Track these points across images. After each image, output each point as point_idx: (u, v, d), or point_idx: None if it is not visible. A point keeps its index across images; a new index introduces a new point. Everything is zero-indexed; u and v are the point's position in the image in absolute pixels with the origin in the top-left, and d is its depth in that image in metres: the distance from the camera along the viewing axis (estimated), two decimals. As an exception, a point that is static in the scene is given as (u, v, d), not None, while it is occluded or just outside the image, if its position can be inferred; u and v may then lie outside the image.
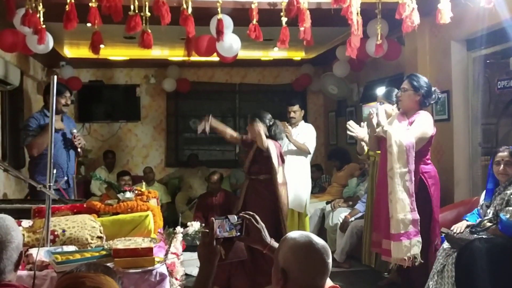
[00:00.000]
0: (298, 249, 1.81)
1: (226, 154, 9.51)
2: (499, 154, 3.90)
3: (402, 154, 4.01)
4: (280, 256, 1.84)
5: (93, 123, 8.96)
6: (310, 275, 1.80)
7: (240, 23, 4.70)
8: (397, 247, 3.96)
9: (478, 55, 5.20)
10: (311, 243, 1.82)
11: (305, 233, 1.88)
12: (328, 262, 1.83)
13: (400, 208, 3.95)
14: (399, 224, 3.95)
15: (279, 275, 1.81)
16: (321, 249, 1.82)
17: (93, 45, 4.62)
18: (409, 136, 4.07)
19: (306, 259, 1.80)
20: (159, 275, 2.64)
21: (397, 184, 3.98)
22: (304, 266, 1.79)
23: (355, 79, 7.67)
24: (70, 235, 2.89)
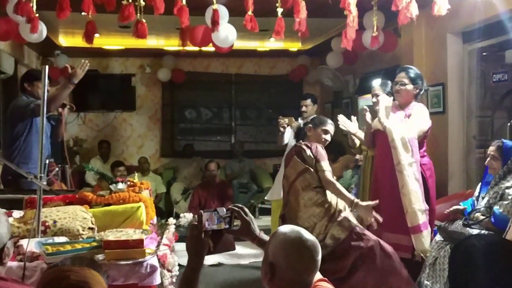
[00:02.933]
0: (287, 245, 1.81)
1: (222, 145, 9.51)
2: (489, 148, 3.92)
3: (406, 146, 4.01)
4: (270, 250, 1.84)
5: (88, 113, 8.92)
6: (298, 271, 1.79)
7: (235, 13, 4.66)
8: (419, 238, 3.95)
9: (474, 47, 5.18)
10: (301, 240, 1.82)
11: (296, 229, 1.87)
12: (317, 259, 1.83)
13: (414, 199, 3.95)
14: (417, 215, 3.94)
15: (267, 269, 1.81)
16: (310, 246, 1.81)
17: (87, 35, 4.59)
18: (411, 130, 4.07)
19: (294, 255, 1.79)
20: (149, 267, 2.63)
21: (407, 176, 3.97)
22: (292, 262, 1.79)
23: (351, 71, 7.65)
24: (61, 226, 2.88)
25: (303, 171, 3.83)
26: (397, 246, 4.03)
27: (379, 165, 4.35)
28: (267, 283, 1.82)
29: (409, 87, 4.20)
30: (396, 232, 4.06)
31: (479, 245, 1.41)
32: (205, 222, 1.97)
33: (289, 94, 9.43)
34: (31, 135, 4.29)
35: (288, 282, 1.79)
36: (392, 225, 4.09)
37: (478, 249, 1.39)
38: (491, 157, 3.87)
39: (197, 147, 9.15)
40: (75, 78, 4.02)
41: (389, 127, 4.07)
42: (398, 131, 4.03)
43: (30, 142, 4.27)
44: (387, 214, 4.14)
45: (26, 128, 4.30)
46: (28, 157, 4.27)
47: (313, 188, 3.80)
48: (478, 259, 1.37)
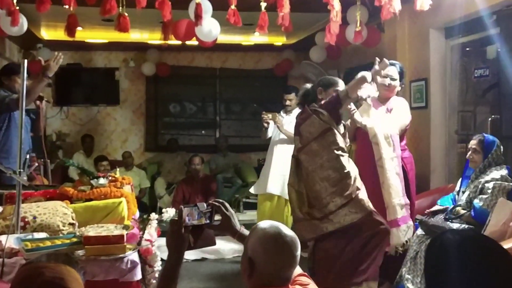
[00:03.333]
0: (266, 240, 1.80)
1: (206, 139, 9.48)
2: (471, 142, 3.96)
3: (388, 141, 4.04)
4: (249, 245, 1.84)
5: (71, 107, 8.83)
6: (277, 267, 1.80)
7: (219, 7, 4.64)
8: (397, 233, 3.99)
9: (456, 43, 5.22)
10: (280, 235, 1.81)
11: (275, 224, 1.87)
12: (296, 254, 1.83)
13: (394, 194, 3.99)
14: (396, 209, 3.98)
15: (246, 264, 1.81)
16: (289, 241, 1.81)
17: (69, 28, 4.54)
18: (393, 125, 4.10)
19: (273, 251, 1.79)
20: (130, 263, 2.62)
21: (388, 170, 4.01)
22: (271, 258, 1.79)
23: (335, 65, 7.66)
24: (41, 221, 2.85)
25: (326, 130, 3.59)
26: None
27: (360, 161, 4.37)
28: (247, 279, 1.82)
29: (397, 83, 4.24)
30: None
31: (454, 239, 1.41)
32: (185, 217, 1.97)
33: (274, 89, 9.40)
34: (10, 130, 4.23)
35: (267, 277, 1.79)
36: None
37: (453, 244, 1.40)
38: (472, 151, 3.92)
39: (182, 142, 9.12)
40: (48, 71, 3.94)
41: (370, 126, 4.09)
42: (380, 127, 4.05)
43: (10, 136, 4.21)
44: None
45: (4, 122, 4.25)
46: (8, 152, 4.22)
47: (335, 149, 3.58)
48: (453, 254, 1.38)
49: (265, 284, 1.78)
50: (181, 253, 1.95)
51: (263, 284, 1.79)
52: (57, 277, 1.57)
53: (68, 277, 1.59)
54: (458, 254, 1.37)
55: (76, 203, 3.18)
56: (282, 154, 5.60)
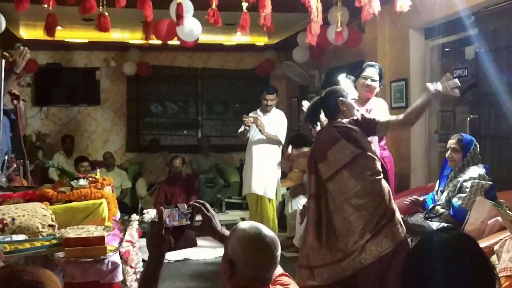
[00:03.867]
0: (246, 242, 1.81)
1: (188, 139, 9.45)
2: (449, 141, 4.00)
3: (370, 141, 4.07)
4: (229, 246, 1.84)
5: (51, 107, 8.75)
6: (257, 268, 1.80)
7: (200, 7, 4.62)
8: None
9: (436, 43, 5.28)
10: (260, 236, 1.81)
11: (255, 225, 1.87)
12: (276, 255, 1.83)
13: None
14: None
15: (227, 265, 1.81)
16: (269, 242, 1.81)
17: (48, 28, 4.48)
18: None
19: (253, 252, 1.79)
20: (111, 264, 2.60)
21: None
22: (251, 259, 1.79)
23: (317, 65, 7.70)
24: (20, 223, 2.81)
25: (357, 156, 3.16)
26: None
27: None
28: (227, 280, 1.82)
29: (377, 84, 4.28)
30: None
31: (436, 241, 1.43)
32: (166, 219, 1.96)
33: (256, 89, 9.39)
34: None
35: (247, 278, 1.79)
36: None
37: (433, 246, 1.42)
38: (451, 150, 3.96)
39: (163, 142, 9.08)
40: (16, 67, 3.86)
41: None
42: None
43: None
44: None
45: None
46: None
47: (369, 176, 3.17)
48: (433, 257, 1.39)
49: (245, 285, 1.79)
50: (162, 254, 1.94)
51: (243, 285, 1.79)
52: (35, 281, 1.55)
53: (47, 280, 1.57)
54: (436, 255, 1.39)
55: (56, 205, 3.14)
56: (262, 154, 5.68)
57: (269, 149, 5.78)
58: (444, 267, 1.35)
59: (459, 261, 1.37)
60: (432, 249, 1.41)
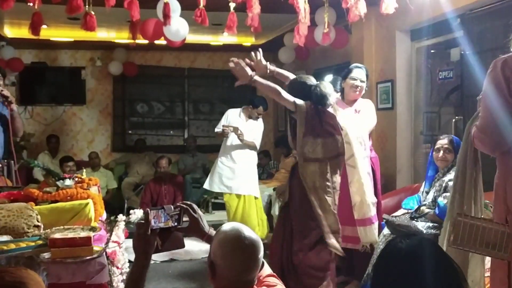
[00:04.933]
0: (225, 244, 1.79)
1: (174, 139, 9.43)
2: (439, 141, 4.01)
3: (360, 141, 4.11)
4: (212, 249, 1.83)
5: (35, 106, 8.67)
6: (236, 271, 1.77)
7: (188, 7, 4.61)
8: (370, 230, 4.07)
9: (422, 45, 5.33)
10: (239, 239, 1.79)
11: (237, 227, 1.85)
12: (258, 257, 1.80)
13: (368, 192, 4.08)
14: (370, 207, 4.06)
15: (209, 267, 1.81)
16: (248, 245, 1.78)
17: (33, 26, 4.43)
18: (363, 127, 4.19)
19: (231, 254, 1.77)
20: (98, 265, 2.58)
21: (360, 169, 4.08)
22: (229, 262, 1.77)
23: (303, 66, 7.72)
24: (5, 224, 2.77)
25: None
26: (347, 238, 4.13)
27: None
28: (211, 281, 1.82)
29: (364, 85, 4.32)
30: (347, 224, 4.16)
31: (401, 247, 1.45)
32: (152, 220, 1.95)
33: (242, 89, 9.38)
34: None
35: (227, 281, 1.77)
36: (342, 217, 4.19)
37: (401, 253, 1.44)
38: (444, 150, 3.96)
39: (150, 142, 9.04)
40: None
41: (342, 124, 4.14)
42: (351, 127, 4.12)
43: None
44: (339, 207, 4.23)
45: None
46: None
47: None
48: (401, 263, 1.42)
49: (226, 287, 1.78)
50: (148, 256, 1.93)
51: (224, 287, 1.78)
52: (18, 281, 1.54)
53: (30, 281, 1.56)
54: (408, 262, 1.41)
55: (41, 205, 3.10)
56: (242, 157, 5.84)
57: (248, 152, 5.91)
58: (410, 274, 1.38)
59: (424, 267, 1.39)
60: (398, 258, 1.44)
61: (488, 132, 2.24)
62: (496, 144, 2.26)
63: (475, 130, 2.34)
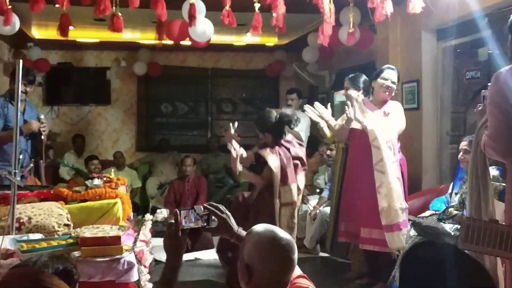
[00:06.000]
0: (261, 246, 1.78)
1: (198, 139, 9.46)
2: (461, 143, 4.02)
3: (390, 146, 4.08)
4: (245, 251, 1.81)
5: (61, 106, 8.79)
6: (274, 272, 1.76)
7: (212, 7, 4.64)
8: (398, 236, 4.03)
9: (448, 45, 5.27)
10: (275, 240, 1.78)
11: (270, 228, 1.84)
12: (293, 258, 1.79)
13: (396, 198, 4.04)
14: (398, 213, 4.02)
15: (244, 271, 1.79)
16: (285, 245, 1.78)
17: (61, 28, 4.51)
18: (393, 130, 4.16)
19: (269, 256, 1.76)
20: (127, 264, 2.62)
21: (389, 175, 4.05)
22: (268, 263, 1.76)
23: (327, 66, 7.69)
24: (36, 222, 2.84)
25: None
26: (373, 240, 4.11)
27: (355, 161, 4.39)
28: (245, 285, 1.80)
29: (395, 87, 4.30)
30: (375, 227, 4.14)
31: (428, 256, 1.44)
32: (182, 220, 1.96)
33: (265, 89, 9.44)
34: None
35: (265, 283, 1.76)
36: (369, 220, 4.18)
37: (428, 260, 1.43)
38: (463, 151, 3.95)
39: (173, 142, 9.09)
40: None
41: (371, 128, 4.11)
42: (381, 131, 4.09)
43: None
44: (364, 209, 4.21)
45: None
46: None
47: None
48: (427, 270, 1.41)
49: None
50: (179, 256, 1.94)
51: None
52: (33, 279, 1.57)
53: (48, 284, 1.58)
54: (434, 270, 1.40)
55: (71, 204, 3.16)
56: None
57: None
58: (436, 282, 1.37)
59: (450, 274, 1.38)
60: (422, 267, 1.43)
61: (499, 140, 2.37)
62: (507, 152, 2.38)
63: (486, 139, 2.43)
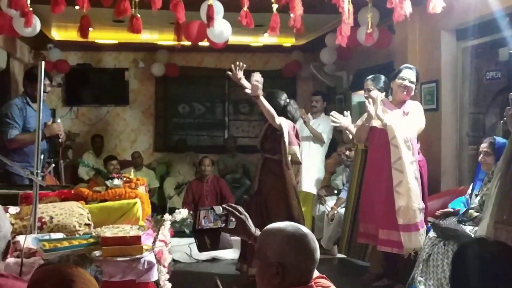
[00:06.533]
0: (293, 240, 1.80)
1: (215, 140, 9.49)
2: (481, 145, 3.98)
3: (409, 145, 4.06)
4: (273, 250, 1.80)
5: (80, 107, 8.88)
6: (307, 264, 1.81)
7: (230, 8, 4.65)
8: (416, 236, 4.01)
9: (468, 45, 5.21)
10: (303, 233, 1.84)
11: (290, 223, 1.88)
12: (318, 249, 1.87)
13: (414, 198, 4.03)
14: (416, 213, 4.01)
15: (274, 270, 1.78)
16: (311, 236, 1.85)
17: (82, 29, 4.55)
18: (412, 129, 4.14)
19: (303, 249, 1.80)
20: (147, 263, 2.64)
21: (408, 174, 4.04)
22: (302, 256, 1.80)
23: (345, 66, 7.66)
24: (58, 222, 2.87)
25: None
26: (391, 242, 4.08)
27: (374, 161, 4.36)
28: (278, 284, 1.79)
29: (413, 86, 4.28)
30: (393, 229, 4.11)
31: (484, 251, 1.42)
32: (202, 220, 1.99)
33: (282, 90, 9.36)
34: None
35: (297, 277, 1.78)
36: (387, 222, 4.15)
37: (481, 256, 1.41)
38: (484, 153, 3.92)
39: (190, 142, 9.13)
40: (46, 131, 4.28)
41: (390, 125, 4.10)
42: (400, 129, 4.07)
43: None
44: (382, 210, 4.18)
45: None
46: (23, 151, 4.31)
47: None
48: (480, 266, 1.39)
49: (293, 284, 1.78)
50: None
51: (291, 284, 1.78)
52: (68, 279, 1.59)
53: (79, 279, 1.61)
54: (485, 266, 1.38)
55: (91, 204, 3.19)
56: (308, 152, 5.97)
57: (311, 147, 6.10)
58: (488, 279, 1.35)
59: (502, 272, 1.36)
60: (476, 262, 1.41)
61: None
62: None
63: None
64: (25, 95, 4.58)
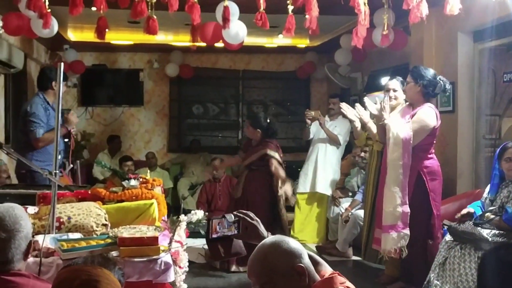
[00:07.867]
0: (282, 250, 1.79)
1: (228, 140, 9.51)
2: (510, 151, 3.88)
3: (397, 147, 4.06)
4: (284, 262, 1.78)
5: (96, 107, 8.96)
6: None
7: (245, 9, 4.66)
8: (386, 238, 4.07)
9: (485, 47, 5.17)
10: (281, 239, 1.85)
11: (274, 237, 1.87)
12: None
13: (389, 201, 4.03)
14: (389, 216, 4.03)
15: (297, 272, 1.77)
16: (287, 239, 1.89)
17: (99, 30, 4.59)
18: (407, 129, 4.10)
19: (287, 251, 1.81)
20: (164, 264, 2.65)
21: (388, 175, 4.06)
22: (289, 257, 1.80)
23: (360, 68, 7.64)
24: (76, 222, 2.89)
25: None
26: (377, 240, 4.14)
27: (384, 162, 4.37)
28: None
29: (411, 85, 4.32)
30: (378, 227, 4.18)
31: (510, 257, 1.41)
32: (216, 227, 2.03)
33: (297, 91, 9.42)
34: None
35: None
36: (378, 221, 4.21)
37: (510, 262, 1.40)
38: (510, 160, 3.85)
39: (204, 143, 9.16)
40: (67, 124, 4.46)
41: (388, 124, 4.13)
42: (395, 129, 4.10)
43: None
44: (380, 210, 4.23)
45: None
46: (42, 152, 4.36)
47: None
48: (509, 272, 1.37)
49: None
50: None
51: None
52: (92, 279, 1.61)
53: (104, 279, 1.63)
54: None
55: (108, 204, 3.21)
56: (324, 154, 6.02)
57: (330, 149, 6.15)
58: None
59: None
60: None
61: None
62: None
63: None
64: (40, 94, 4.67)
